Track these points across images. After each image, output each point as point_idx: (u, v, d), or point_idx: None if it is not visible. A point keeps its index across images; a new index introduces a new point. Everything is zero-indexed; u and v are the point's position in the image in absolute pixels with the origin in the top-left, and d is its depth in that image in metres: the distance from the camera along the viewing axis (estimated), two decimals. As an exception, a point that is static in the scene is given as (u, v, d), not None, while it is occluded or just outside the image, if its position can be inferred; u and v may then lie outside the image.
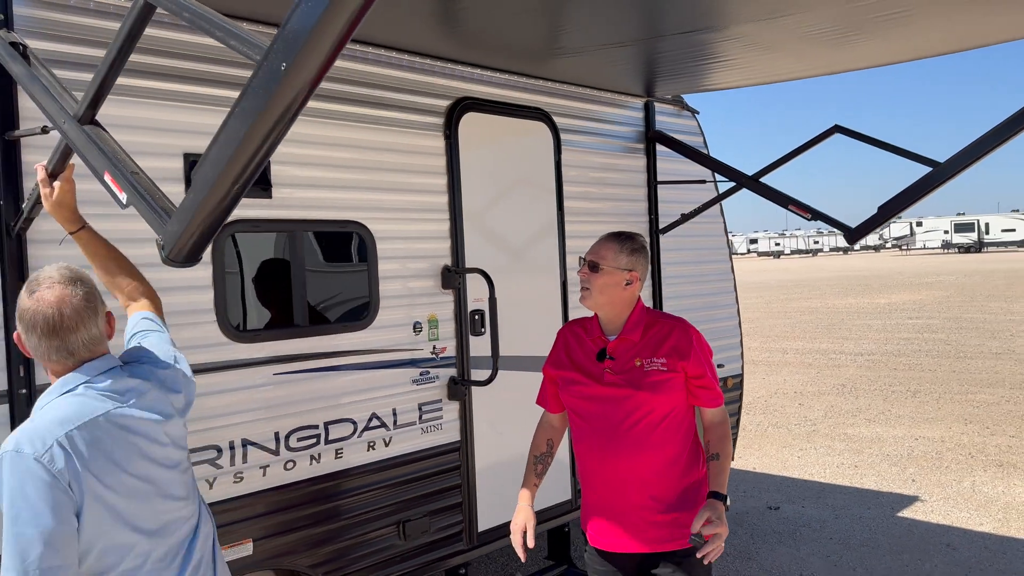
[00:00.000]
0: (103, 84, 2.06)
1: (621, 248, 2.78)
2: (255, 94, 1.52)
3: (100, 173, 2.02)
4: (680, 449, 2.75)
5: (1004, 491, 6.57)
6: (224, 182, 1.66)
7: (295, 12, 1.42)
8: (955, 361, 13.12)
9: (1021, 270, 36.44)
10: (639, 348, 2.75)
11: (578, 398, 2.82)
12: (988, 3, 3.39)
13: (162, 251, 1.82)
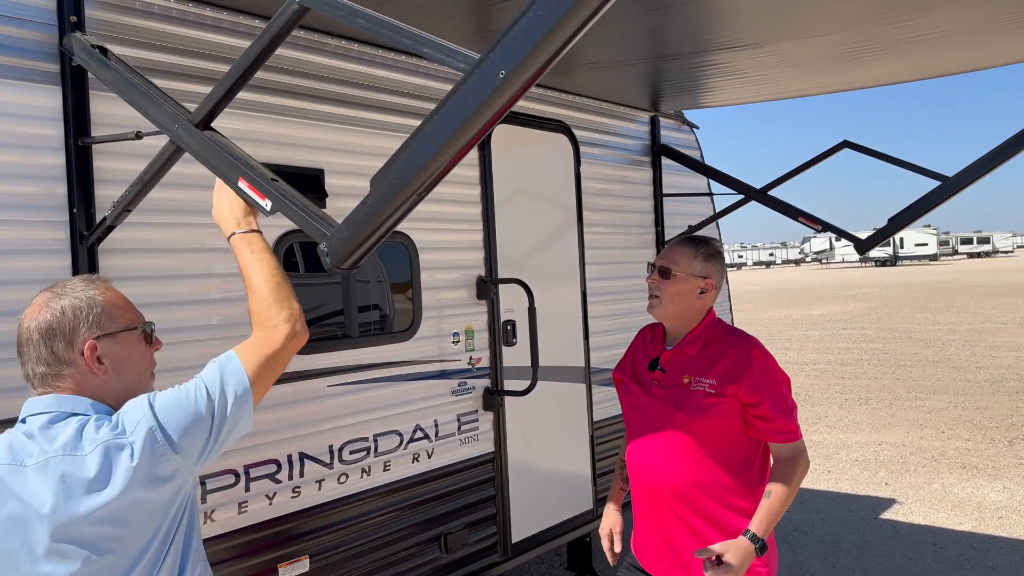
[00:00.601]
0: (232, 89, 2.02)
1: (696, 253, 2.59)
2: (462, 101, 1.52)
3: (233, 180, 1.98)
4: (729, 482, 2.50)
5: (973, 492, 6.89)
6: (409, 189, 1.65)
7: (521, 21, 1.43)
8: (897, 369, 13.67)
9: (937, 283, 38.21)
10: (692, 364, 2.55)
11: (627, 406, 2.71)
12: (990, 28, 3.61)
13: (326, 258, 1.79)
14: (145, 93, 2.24)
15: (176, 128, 2.13)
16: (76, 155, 2.53)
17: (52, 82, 2.51)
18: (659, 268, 2.61)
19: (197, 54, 2.90)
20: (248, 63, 1.97)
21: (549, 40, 1.42)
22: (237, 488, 2.93)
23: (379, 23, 1.69)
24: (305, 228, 1.86)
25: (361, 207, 1.73)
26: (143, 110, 2.23)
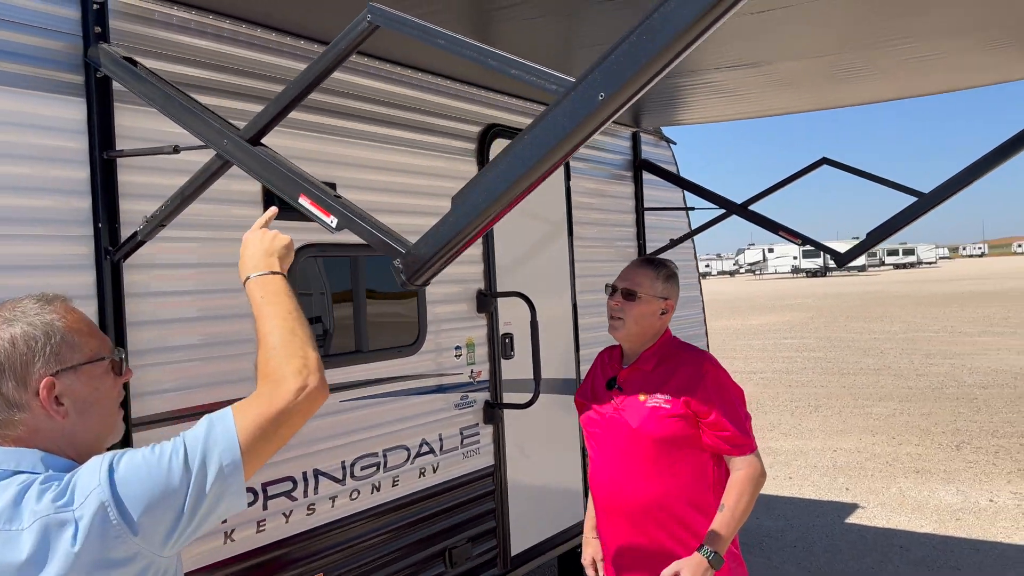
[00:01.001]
0: (288, 106, 2.01)
1: (657, 275, 2.63)
2: (557, 122, 1.56)
3: (294, 196, 1.97)
4: (690, 497, 2.53)
5: (929, 496, 7.16)
6: (494, 209, 1.68)
7: (623, 45, 1.47)
8: (841, 377, 14.11)
9: (868, 293, 39.54)
10: (648, 381, 2.58)
11: (589, 428, 2.71)
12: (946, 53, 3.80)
13: (400, 275, 1.80)
14: (187, 107, 2.22)
15: (225, 143, 2.11)
16: (101, 168, 2.47)
17: (76, 94, 2.46)
18: (623, 290, 2.62)
19: (221, 68, 2.87)
20: (309, 80, 1.97)
21: (651, 65, 1.46)
22: (256, 507, 2.88)
23: (460, 44, 1.71)
24: (375, 245, 1.87)
25: (442, 225, 1.75)
26: (186, 124, 2.20)
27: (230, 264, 2.82)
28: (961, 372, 13.98)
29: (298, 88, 1.99)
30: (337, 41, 1.90)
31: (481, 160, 3.96)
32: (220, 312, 2.81)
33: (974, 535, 6.09)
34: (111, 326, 2.47)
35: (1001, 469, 7.88)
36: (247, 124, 2.11)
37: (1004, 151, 4.14)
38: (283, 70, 3.07)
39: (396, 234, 1.87)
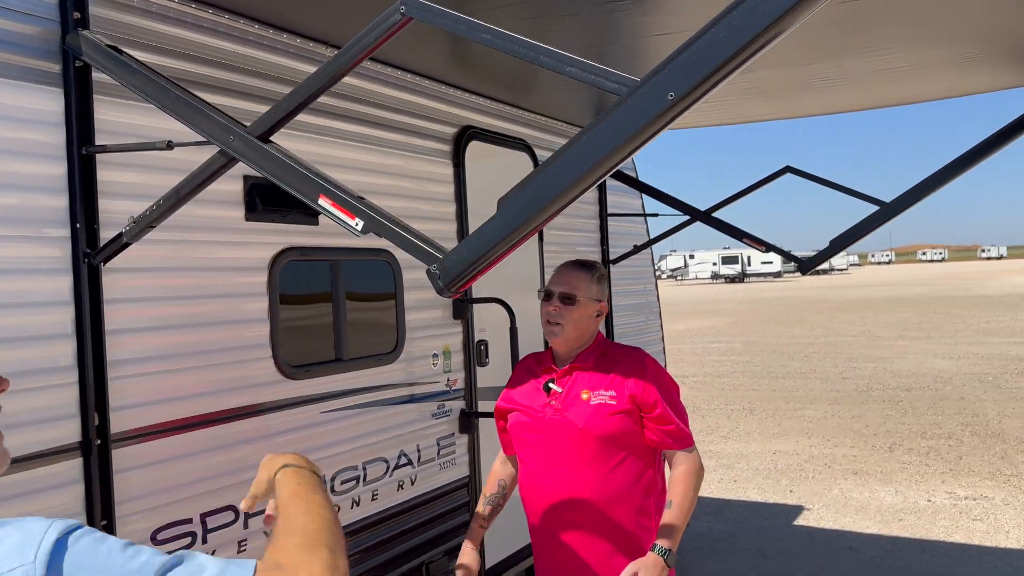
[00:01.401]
0: (306, 101, 1.89)
1: (592, 277, 2.60)
2: (621, 121, 1.49)
3: (313, 197, 1.85)
4: (636, 499, 2.50)
5: (870, 497, 7.36)
6: (545, 213, 1.60)
7: (696, 45, 1.42)
8: (771, 381, 14.46)
9: (785, 298, 40.78)
10: (588, 379, 2.53)
11: (522, 435, 2.61)
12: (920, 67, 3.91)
13: (437, 281, 1.70)
14: (186, 100, 2.06)
15: (232, 139, 1.97)
16: (80, 164, 2.29)
17: (53, 83, 2.27)
18: (561, 295, 2.56)
19: (205, 61, 2.70)
20: (331, 75, 1.85)
21: (726, 65, 1.41)
22: (236, 526, 2.72)
23: (508, 39, 1.63)
24: (409, 250, 1.77)
25: (485, 229, 1.66)
26: (186, 118, 2.05)
27: (212, 268, 2.67)
28: (884, 375, 14.51)
29: (317, 83, 1.87)
30: (364, 34, 1.78)
31: (457, 162, 3.86)
32: (203, 319, 2.64)
33: (918, 535, 6.28)
34: (88, 334, 2.29)
35: (934, 470, 8.18)
36: (257, 120, 1.97)
37: (963, 162, 4.26)
38: (273, 66, 2.92)
39: (428, 238, 1.77)
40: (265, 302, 2.87)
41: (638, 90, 1.48)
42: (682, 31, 3.09)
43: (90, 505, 2.29)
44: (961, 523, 6.51)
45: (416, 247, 1.74)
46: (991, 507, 6.89)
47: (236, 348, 2.75)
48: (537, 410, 2.57)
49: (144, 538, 2.43)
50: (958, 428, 10.03)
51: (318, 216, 3.08)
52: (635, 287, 5.68)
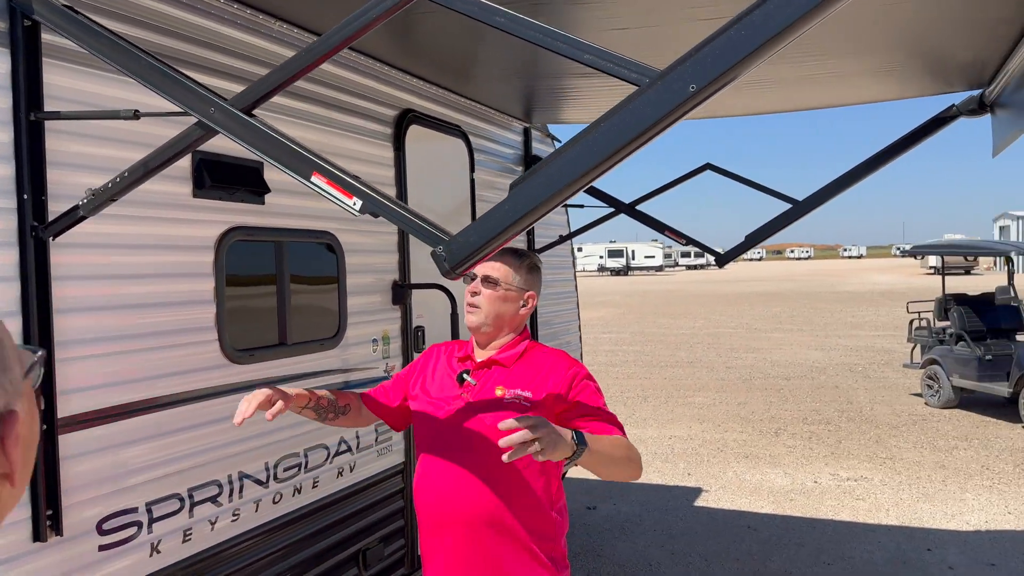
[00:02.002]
0: (296, 75, 1.83)
1: (520, 264, 2.46)
2: (641, 111, 1.53)
3: (305, 174, 1.80)
4: (539, 502, 2.34)
5: (762, 479, 7.76)
6: (558, 198, 1.62)
7: (719, 40, 1.47)
8: (661, 369, 14.97)
9: (669, 291, 42.22)
10: (507, 376, 2.37)
11: (425, 425, 2.42)
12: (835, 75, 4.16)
13: (443, 262, 1.70)
14: (159, 68, 1.96)
15: (212, 112, 1.89)
16: (27, 131, 2.14)
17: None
18: (483, 277, 2.42)
19: (159, 30, 2.56)
20: (326, 50, 1.80)
21: (746, 61, 1.47)
22: (182, 515, 2.62)
23: (524, 24, 1.64)
24: (413, 231, 1.76)
25: (496, 212, 1.66)
26: (159, 87, 1.95)
27: (157, 246, 2.56)
28: (764, 365, 15.27)
29: (310, 58, 1.82)
30: (367, 8, 1.75)
31: (397, 145, 3.82)
32: (149, 300, 2.52)
33: (808, 514, 6.68)
34: (35, 312, 2.15)
35: (817, 453, 8.70)
36: (241, 92, 1.90)
37: (869, 165, 4.55)
38: (236, 42, 2.81)
39: (430, 220, 1.75)
40: (211, 283, 2.76)
41: (658, 81, 1.52)
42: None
43: (35, 495, 2.16)
44: (846, 502, 6.96)
45: (420, 229, 1.73)
46: (871, 487, 7.40)
47: (181, 331, 2.64)
48: (446, 400, 2.40)
49: (90, 528, 2.31)
50: (835, 414, 10.70)
51: (264, 195, 3.00)
52: (557, 277, 5.76)
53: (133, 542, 2.44)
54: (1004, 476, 7.69)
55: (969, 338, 10.41)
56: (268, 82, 1.86)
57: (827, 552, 5.82)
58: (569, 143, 1.61)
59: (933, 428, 9.78)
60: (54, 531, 2.19)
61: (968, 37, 3.67)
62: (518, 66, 4.10)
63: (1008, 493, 7.16)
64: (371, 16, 1.75)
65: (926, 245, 13.63)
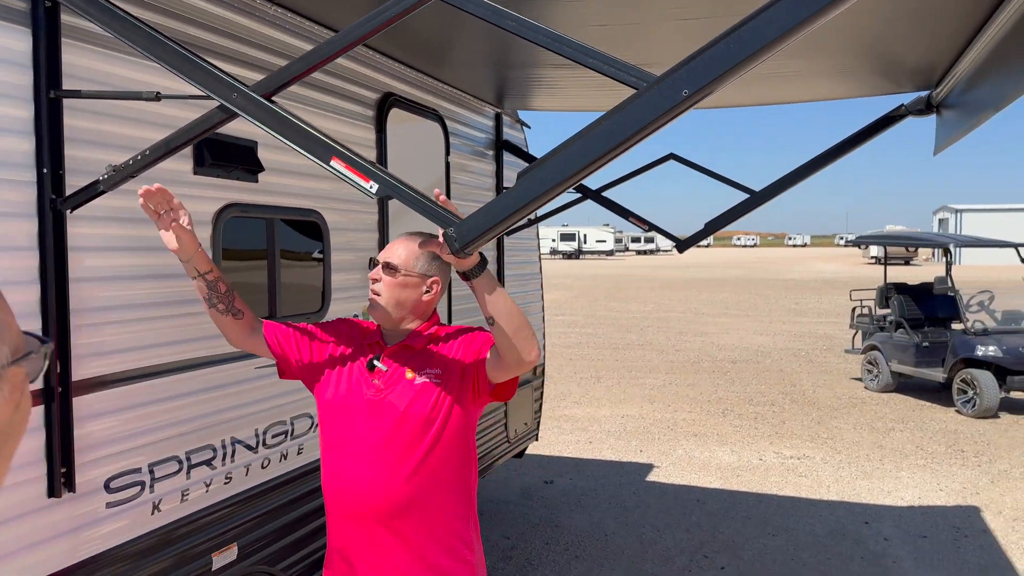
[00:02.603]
0: (317, 64, 1.97)
1: (423, 250, 2.37)
2: (637, 111, 1.72)
3: (324, 158, 1.95)
4: (451, 499, 2.34)
5: (710, 456, 8.10)
6: (562, 186, 1.80)
7: (712, 50, 1.66)
8: (613, 351, 15.31)
9: (619, 276, 42.77)
10: (417, 358, 2.35)
11: (333, 416, 2.36)
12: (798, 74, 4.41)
13: (454, 243, 1.87)
14: (182, 53, 2.09)
15: (235, 96, 2.03)
16: (48, 108, 2.24)
17: (20, 22, 2.21)
18: (383, 263, 2.38)
19: (183, 18, 2.66)
20: (348, 41, 1.95)
21: (734, 70, 1.67)
22: (180, 475, 2.76)
23: (533, 28, 1.81)
24: (424, 213, 1.92)
25: (504, 198, 1.84)
26: (182, 71, 2.07)
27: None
28: (712, 348, 15.72)
29: (330, 50, 1.97)
30: (387, 7, 1.90)
31: (379, 127, 3.95)
32: (153, 272, 2.64)
33: (754, 489, 7.03)
34: (52, 281, 2.26)
35: (762, 432, 9.09)
36: (262, 79, 2.04)
37: (823, 159, 4.82)
38: (252, 32, 2.91)
39: (433, 201, 1.92)
40: (208, 256, 2.88)
41: (655, 86, 1.71)
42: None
43: (50, 453, 2.28)
44: (789, 479, 7.33)
45: (434, 211, 1.90)
46: (813, 465, 7.79)
47: (182, 301, 2.76)
48: (356, 388, 2.34)
49: (99, 486, 2.44)
50: (779, 396, 11.13)
51: (257, 173, 3.13)
52: (523, 258, 5.95)
53: (137, 500, 2.57)
54: (937, 456, 8.16)
55: (908, 325, 10.92)
56: (289, 71, 2.00)
57: (772, 524, 6.16)
58: (573, 138, 1.79)
59: (872, 411, 10.27)
60: (67, 487, 2.31)
61: (918, 42, 3.94)
62: (492, 54, 4.25)
63: (940, 472, 7.61)
64: (390, 14, 1.90)
65: (869, 236, 14.16)
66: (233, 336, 2.42)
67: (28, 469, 2.23)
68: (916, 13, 3.54)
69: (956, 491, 7.04)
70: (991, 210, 56.47)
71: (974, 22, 3.38)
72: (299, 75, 2.01)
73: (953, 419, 9.76)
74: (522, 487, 6.99)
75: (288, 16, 3.30)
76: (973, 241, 11.74)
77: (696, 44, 1.69)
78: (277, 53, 3.22)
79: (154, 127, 2.53)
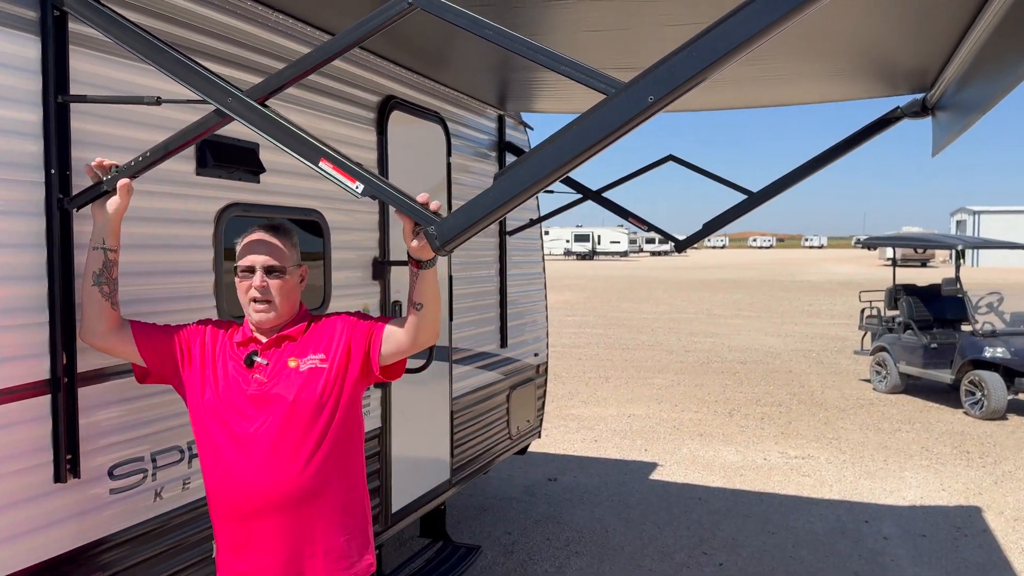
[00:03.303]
0: (306, 72, 2.08)
1: (290, 241, 2.45)
2: (606, 117, 1.81)
3: (314, 160, 2.06)
4: (342, 487, 2.39)
5: (714, 455, 8.16)
6: (535, 188, 1.90)
7: (675, 59, 1.75)
8: (623, 352, 15.37)
9: (633, 277, 42.76)
10: (295, 347, 2.38)
11: (215, 419, 2.34)
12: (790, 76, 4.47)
13: (435, 240, 1.96)
14: (180, 59, 2.19)
15: (230, 101, 2.13)
16: (56, 112, 2.36)
17: (30, 30, 2.32)
18: (267, 268, 2.37)
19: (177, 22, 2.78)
20: (332, 52, 2.06)
21: (697, 77, 1.76)
22: (182, 464, 2.87)
23: (510, 38, 1.91)
24: (408, 212, 2.02)
25: (481, 198, 1.94)
26: (180, 76, 2.18)
27: (164, 219, 2.80)
28: (722, 349, 15.75)
29: (319, 57, 2.08)
30: (371, 18, 2.00)
31: (380, 130, 4.06)
32: (157, 268, 2.75)
33: (756, 488, 7.08)
34: (59, 276, 2.38)
35: (768, 433, 9.13)
36: (257, 84, 2.15)
37: (818, 162, 4.88)
38: (254, 38, 3.04)
39: (417, 201, 2.02)
40: (211, 254, 3.00)
41: (623, 92, 1.80)
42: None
43: (57, 441, 2.39)
44: (792, 478, 7.38)
45: (415, 210, 2.00)
46: (817, 465, 7.84)
47: (185, 297, 2.88)
48: (239, 385, 2.35)
49: (102, 473, 2.56)
50: (787, 397, 11.16)
51: (259, 175, 3.24)
52: (526, 258, 6.05)
53: (140, 487, 2.68)
54: (942, 457, 8.18)
55: (916, 327, 10.92)
56: (282, 76, 2.10)
57: (772, 522, 6.22)
58: (546, 142, 1.88)
59: (879, 412, 10.28)
60: (72, 474, 2.42)
61: (912, 45, 4.00)
62: (493, 58, 4.34)
63: (944, 472, 7.64)
64: (376, 23, 2.00)
65: (876, 237, 14.14)
66: (101, 327, 2.36)
67: (35, 455, 2.34)
68: (907, 17, 3.61)
69: (959, 491, 7.06)
70: (1009, 211, 56.01)
71: (961, 25, 3.44)
72: (291, 80, 2.11)
73: (960, 420, 9.76)
74: (525, 484, 7.09)
75: (283, 19, 3.41)
76: (981, 243, 11.73)
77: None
78: (273, 56, 3.33)
79: (159, 130, 2.64)
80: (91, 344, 2.42)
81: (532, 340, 6.14)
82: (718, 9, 1.74)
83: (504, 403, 5.61)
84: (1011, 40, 2.84)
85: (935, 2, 3.22)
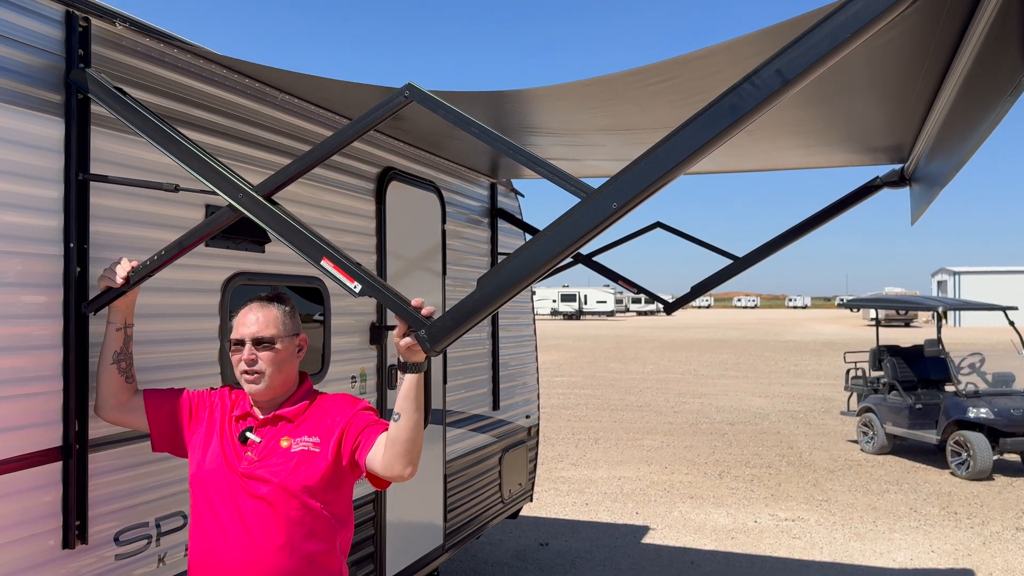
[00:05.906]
0: (312, 164, 2.20)
1: (284, 311, 2.43)
2: (577, 220, 1.94)
3: (316, 258, 2.17)
4: (334, 558, 2.40)
5: (706, 518, 8.17)
6: (515, 290, 2.02)
7: (635, 169, 1.89)
8: (611, 413, 15.39)
9: (620, 336, 42.89)
10: (291, 428, 2.38)
11: (204, 490, 2.36)
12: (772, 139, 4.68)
13: (425, 343, 2.07)
14: (194, 152, 2.32)
15: (240, 197, 2.25)
16: (76, 189, 2.47)
17: (55, 112, 2.45)
18: (255, 340, 2.37)
19: (195, 104, 2.93)
20: (337, 144, 2.20)
21: (654, 186, 1.90)
22: (184, 531, 2.91)
23: (493, 137, 2.05)
24: (401, 315, 2.13)
25: (467, 301, 2.05)
26: (194, 170, 2.30)
27: (174, 289, 2.90)
28: (710, 410, 15.80)
29: (324, 150, 2.22)
30: (373, 111, 2.16)
31: (379, 199, 4.20)
32: (166, 336, 2.84)
33: (748, 551, 7.09)
34: (73, 345, 2.46)
35: (758, 495, 9.15)
36: (266, 179, 2.27)
37: (802, 228, 5.07)
38: (265, 117, 3.20)
39: (414, 306, 2.13)
40: (217, 322, 3.09)
41: (592, 199, 1.93)
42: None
43: (66, 508, 2.45)
44: (783, 540, 7.40)
45: (407, 313, 2.10)
46: (807, 527, 7.86)
47: (190, 364, 2.96)
48: (229, 462, 2.35)
49: (109, 539, 2.60)
50: (776, 459, 11.20)
51: (264, 244, 3.35)
52: (517, 321, 6.16)
53: (144, 553, 2.72)
54: (930, 518, 8.22)
55: (901, 387, 11.05)
56: (287, 171, 2.23)
57: (764, 585, 6.21)
58: (525, 246, 2.01)
59: (867, 473, 10.33)
60: (81, 540, 2.47)
61: (886, 121, 4.21)
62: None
63: (933, 533, 7.67)
64: (376, 116, 2.15)
65: (860, 299, 14.36)
66: (116, 400, 2.45)
67: (45, 522, 2.39)
68: (881, 95, 3.81)
69: (948, 552, 7.09)
70: (989, 272, 56.86)
71: (925, 101, 3.64)
72: (297, 174, 2.24)
73: (947, 481, 9.82)
74: (516, 549, 7.06)
75: (288, 98, 3.58)
76: (961, 304, 11.94)
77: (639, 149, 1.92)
78: (285, 134, 3.48)
79: (171, 203, 2.77)
80: (104, 418, 2.51)
81: (523, 402, 6.21)
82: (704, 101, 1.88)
83: (496, 466, 5.65)
84: (963, 115, 3.02)
85: (905, 80, 3.41)
